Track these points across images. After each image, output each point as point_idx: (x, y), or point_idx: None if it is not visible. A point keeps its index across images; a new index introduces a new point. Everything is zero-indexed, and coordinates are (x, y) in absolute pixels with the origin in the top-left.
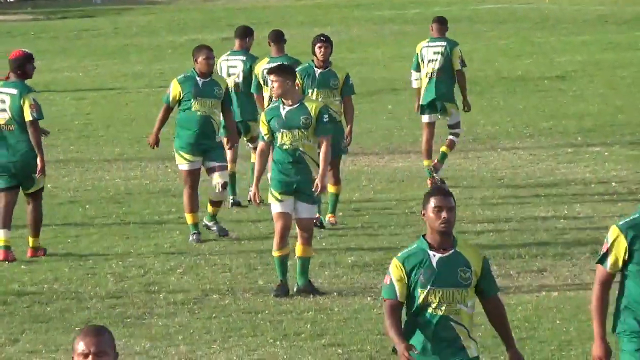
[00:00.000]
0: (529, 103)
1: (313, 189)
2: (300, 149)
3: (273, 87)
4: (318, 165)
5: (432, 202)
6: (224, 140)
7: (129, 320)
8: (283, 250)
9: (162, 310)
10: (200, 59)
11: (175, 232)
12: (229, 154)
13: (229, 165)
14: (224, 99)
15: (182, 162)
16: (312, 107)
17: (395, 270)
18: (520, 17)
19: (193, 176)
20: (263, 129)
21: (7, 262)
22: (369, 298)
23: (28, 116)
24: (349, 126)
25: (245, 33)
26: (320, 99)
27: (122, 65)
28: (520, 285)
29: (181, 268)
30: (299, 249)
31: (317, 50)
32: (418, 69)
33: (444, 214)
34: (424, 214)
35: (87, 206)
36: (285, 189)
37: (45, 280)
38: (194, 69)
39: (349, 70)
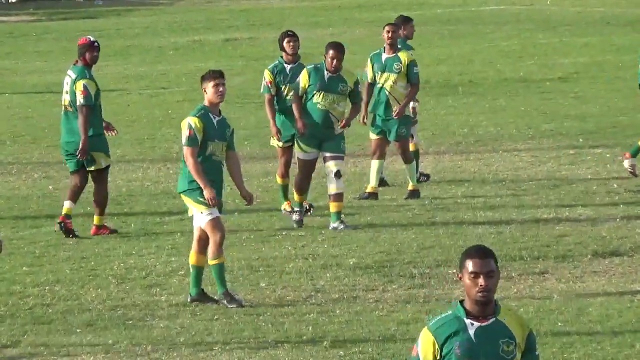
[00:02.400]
0: (531, 105)
1: (247, 203)
2: (223, 161)
3: (220, 91)
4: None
5: (469, 266)
6: None
7: (130, 322)
8: (222, 257)
9: (164, 312)
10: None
11: (177, 233)
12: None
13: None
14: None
15: (299, 151)
16: (228, 120)
17: (425, 343)
18: (522, 18)
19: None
20: (199, 136)
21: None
22: (370, 300)
23: (78, 101)
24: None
25: (402, 22)
26: (292, 94)
27: (124, 67)
28: (521, 287)
29: (183, 270)
30: (195, 257)
31: (285, 45)
32: None
33: (481, 281)
34: (460, 277)
35: (89, 207)
36: (218, 198)
37: (46, 282)
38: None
39: (357, 74)
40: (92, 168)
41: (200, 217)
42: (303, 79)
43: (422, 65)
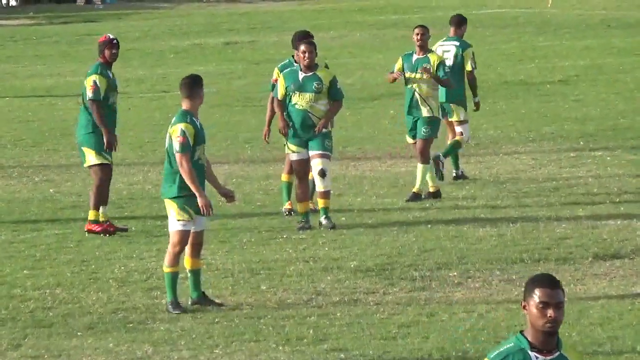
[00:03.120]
0: (531, 107)
1: (229, 200)
2: (205, 163)
3: (202, 97)
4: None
5: (537, 295)
6: None
7: (131, 325)
8: (177, 267)
9: (165, 315)
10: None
11: None
12: None
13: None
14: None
15: (290, 152)
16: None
17: None
18: (522, 21)
19: (301, 166)
20: (191, 141)
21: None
22: (371, 303)
23: (87, 95)
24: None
25: (460, 21)
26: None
27: (124, 70)
28: (522, 290)
29: (183, 273)
30: (191, 261)
31: (299, 44)
32: None
33: (550, 312)
34: (524, 306)
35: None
36: (197, 208)
37: (47, 285)
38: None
39: (352, 75)
40: (85, 164)
41: (173, 223)
42: (280, 84)
43: None
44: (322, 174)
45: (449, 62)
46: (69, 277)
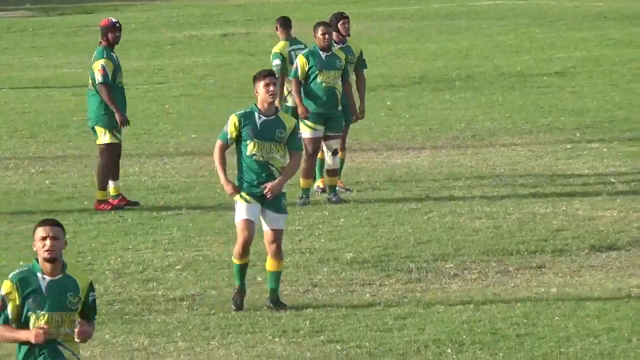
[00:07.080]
0: (527, 99)
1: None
2: (270, 161)
3: (271, 90)
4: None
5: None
6: None
7: (127, 316)
8: (246, 258)
9: (161, 306)
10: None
11: (174, 228)
12: None
13: None
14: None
15: (307, 131)
16: (287, 122)
17: None
18: (519, 13)
19: (315, 144)
20: (231, 132)
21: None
22: (367, 294)
23: (97, 79)
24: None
25: None
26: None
27: (121, 61)
28: (519, 281)
29: (180, 264)
30: (269, 263)
31: (340, 27)
32: None
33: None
34: None
35: (86, 202)
36: (255, 192)
37: None
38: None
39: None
40: (97, 142)
41: (235, 213)
42: (301, 64)
43: (419, 60)
44: (336, 153)
45: None
46: None
